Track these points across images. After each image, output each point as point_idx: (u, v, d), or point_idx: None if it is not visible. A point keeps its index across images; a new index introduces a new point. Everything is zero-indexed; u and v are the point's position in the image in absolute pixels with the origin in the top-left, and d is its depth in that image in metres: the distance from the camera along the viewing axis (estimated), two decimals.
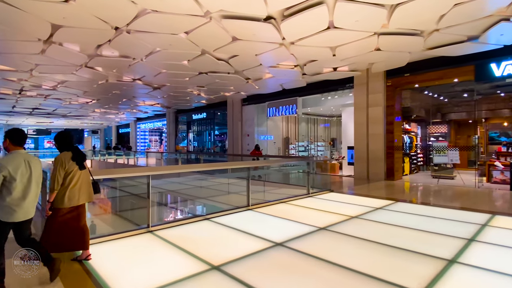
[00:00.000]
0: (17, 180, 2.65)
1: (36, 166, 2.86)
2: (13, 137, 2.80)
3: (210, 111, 17.99)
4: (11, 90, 13.19)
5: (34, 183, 2.80)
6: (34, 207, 2.86)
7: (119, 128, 32.14)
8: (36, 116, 22.76)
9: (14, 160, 2.69)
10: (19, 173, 2.67)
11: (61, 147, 3.41)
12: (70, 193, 3.25)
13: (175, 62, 8.80)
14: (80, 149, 3.48)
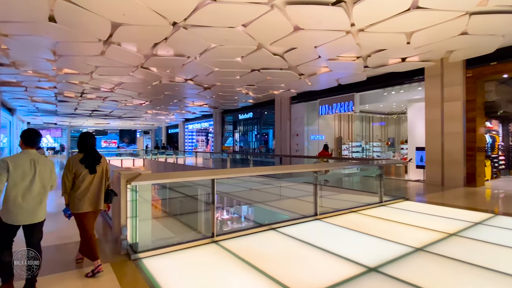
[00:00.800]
0: (18, 181, 2.56)
1: (44, 167, 2.72)
2: (24, 137, 2.75)
3: (256, 110, 17.61)
4: (73, 93, 14.07)
5: (38, 184, 2.66)
6: (40, 211, 2.70)
7: (169, 129, 33.41)
8: (94, 118, 24.45)
9: (18, 159, 2.63)
10: (19, 172, 2.57)
11: (78, 148, 3.28)
12: (75, 198, 3.10)
13: (228, 60, 8.44)
14: (94, 152, 3.27)
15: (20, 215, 2.56)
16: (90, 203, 3.14)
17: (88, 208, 3.12)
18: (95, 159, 3.22)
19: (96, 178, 3.20)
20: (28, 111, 20.30)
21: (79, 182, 3.11)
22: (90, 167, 3.16)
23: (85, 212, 3.12)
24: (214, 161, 19.56)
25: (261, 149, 17.54)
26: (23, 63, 8.83)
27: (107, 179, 3.31)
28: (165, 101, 16.31)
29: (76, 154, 3.27)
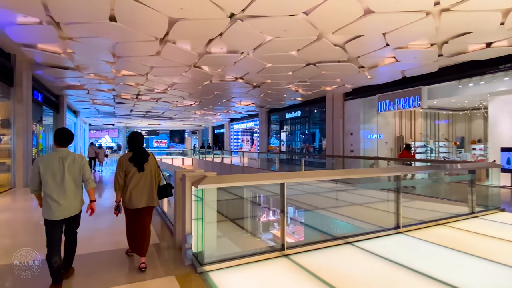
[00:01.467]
0: (48, 179, 2.70)
1: (72, 164, 2.81)
2: (55, 137, 2.88)
3: (305, 108, 16.85)
4: (130, 95, 14.72)
5: (69, 181, 2.78)
6: (75, 205, 2.83)
7: (215, 129, 34.06)
8: (148, 119, 25.71)
9: (47, 159, 2.77)
10: (50, 172, 2.71)
11: (128, 148, 3.45)
12: (128, 195, 3.24)
13: (283, 54, 7.92)
14: (142, 150, 3.38)
15: (56, 211, 2.70)
16: (141, 200, 3.25)
17: (138, 205, 3.24)
18: (142, 158, 3.33)
19: (145, 176, 3.30)
20: (89, 113, 21.97)
21: (129, 179, 3.26)
22: (139, 166, 3.28)
23: (136, 209, 3.26)
24: (260, 161, 19.26)
25: (310, 149, 16.74)
26: (86, 66, 9.27)
27: (157, 176, 3.43)
28: (213, 101, 16.37)
29: (126, 153, 3.41)
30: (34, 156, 12.46)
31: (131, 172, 3.26)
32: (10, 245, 4.03)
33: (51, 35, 6.51)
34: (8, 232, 4.79)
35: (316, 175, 4.20)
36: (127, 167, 3.28)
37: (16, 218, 5.67)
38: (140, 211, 3.28)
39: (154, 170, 3.41)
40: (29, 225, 5.17)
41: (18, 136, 8.39)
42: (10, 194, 7.75)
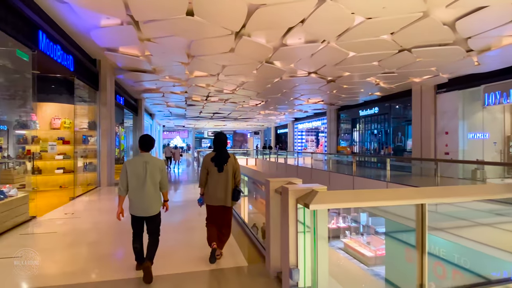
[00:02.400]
0: (132, 179, 3.00)
1: (153, 168, 3.06)
2: (140, 143, 3.16)
3: (384, 104, 14.98)
4: (200, 97, 14.95)
5: (149, 183, 3.04)
6: (153, 206, 3.07)
7: (277, 129, 33.53)
8: (215, 120, 26.38)
9: (133, 162, 3.08)
10: (134, 173, 3.01)
11: (213, 147, 3.58)
12: (207, 192, 3.45)
13: (373, 39, 6.74)
14: (223, 152, 3.49)
15: (137, 209, 3.02)
16: (217, 199, 3.42)
17: (215, 203, 3.42)
18: (222, 159, 3.44)
19: (223, 177, 3.41)
20: (164, 115, 23.39)
21: (210, 178, 3.45)
22: (218, 166, 3.41)
23: (213, 206, 3.45)
24: (328, 163, 17.91)
25: (390, 150, 14.81)
26: (162, 68, 9.41)
27: (234, 178, 3.52)
28: (279, 100, 15.70)
29: (210, 152, 3.58)
30: (117, 156, 13.40)
31: (212, 171, 3.43)
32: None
33: (131, 36, 6.52)
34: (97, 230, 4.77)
35: (485, 192, 2.86)
36: (209, 166, 3.45)
37: (103, 220, 5.73)
38: (218, 209, 3.46)
39: (232, 171, 3.49)
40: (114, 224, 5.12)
41: (103, 137, 8.85)
42: (97, 193, 8.17)
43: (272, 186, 2.82)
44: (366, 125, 17.07)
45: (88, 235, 4.52)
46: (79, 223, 5.11)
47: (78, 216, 5.54)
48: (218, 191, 3.41)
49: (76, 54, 7.11)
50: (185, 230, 4.84)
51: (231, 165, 3.50)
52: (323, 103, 17.03)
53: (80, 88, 8.15)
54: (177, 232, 4.61)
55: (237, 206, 5.44)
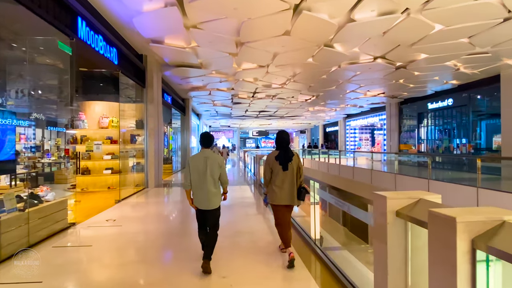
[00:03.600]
0: (194, 174, 3.19)
1: (213, 163, 3.21)
2: (201, 140, 3.38)
3: (461, 95, 12.63)
4: (246, 94, 14.16)
5: (209, 177, 3.18)
6: (213, 199, 3.19)
7: (326, 127, 31.63)
8: (260, 119, 25.61)
9: (195, 158, 3.26)
10: (196, 168, 3.19)
11: (276, 146, 3.59)
12: (272, 191, 3.44)
13: (471, 3, 5.16)
14: (287, 150, 3.49)
15: (200, 202, 3.20)
16: (282, 198, 3.41)
17: (280, 202, 3.42)
18: (287, 157, 3.43)
19: (288, 175, 3.40)
20: (210, 115, 23.23)
21: (274, 177, 3.45)
22: (283, 165, 3.40)
23: (278, 205, 3.46)
24: (393, 165, 15.87)
25: (470, 149, 12.42)
26: (209, 61, 8.72)
27: (299, 176, 3.49)
28: (333, 94, 14.22)
29: (273, 151, 3.55)
30: (166, 155, 13.15)
31: (276, 170, 3.42)
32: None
33: (175, 21, 5.84)
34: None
35: None
36: (273, 165, 3.43)
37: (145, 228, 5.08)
38: (283, 208, 3.45)
39: (296, 170, 3.46)
40: (158, 234, 4.41)
41: (150, 136, 8.42)
42: (143, 195, 7.73)
43: (391, 205, 1.68)
44: (437, 119, 14.72)
45: (127, 251, 3.82)
46: (119, 234, 4.48)
47: (120, 224, 4.95)
48: (284, 190, 3.39)
49: (120, 46, 6.67)
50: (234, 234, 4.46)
51: (295, 163, 3.48)
52: (383, 96, 15.10)
53: (126, 85, 7.79)
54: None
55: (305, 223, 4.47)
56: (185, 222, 5.47)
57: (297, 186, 3.45)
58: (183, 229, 4.97)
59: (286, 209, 3.49)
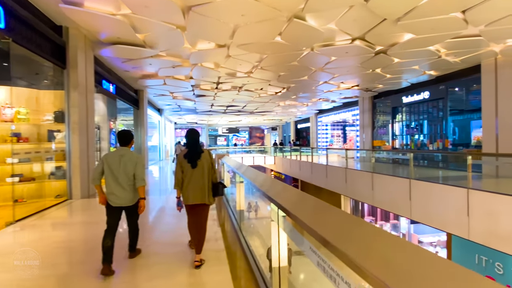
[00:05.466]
0: (108, 172, 3.19)
1: (128, 161, 3.23)
2: (117, 138, 3.38)
3: (438, 87, 11.89)
4: (209, 85, 12.50)
5: (123, 175, 3.19)
6: (128, 196, 3.22)
7: (297, 123, 30.69)
8: (228, 115, 23.94)
9: (110, 155, 3.29)
10: (111, 166, 3.19)
11: (186, 144, 3.55)
12: (184, 191, 3.39)
13: None
14: (194, 147, 3.47)
15: (112, 199, 3.19)
16: (194, 197, 3.35)
17: (192, 201, 3.35)
18: (195, 155, 3.41)
19: (198, 173, 3.37)
20: (172, 111, 21.17)
21: (184, 176, 3.39)
22: (191, 162, 3.38)
23: (190, 204, 3.39)
24: (367, 162, 15.01)
25: (447, 144, 11.72)
26: (153, 38, 6.96)
27: (211, 173, 3.49)
28: (305, 85, 12.97)
29: (183, 150, 3.51)
30: None
31: (186, 168, 3.37)
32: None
33: None
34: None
35: None
36: (183, 163, 3.40)
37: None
38: (195, 208, 3.39)
39: (208, 167, 3.44)
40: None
41: (74, 132, 6.50)
42: (60, 211, 5.83)
43: None
44: (413, 114, 14.01)
45: None
46: None
47: None
48: (194, 188, 3.36)
49: (11, 5, 4.74)
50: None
51: (205, 160, 3.46)
52: (357, 89, 14.12)
53: (38, 64, 5.83)
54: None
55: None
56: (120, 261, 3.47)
57: (209, 184, 3.44)
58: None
59: (200, 208, 3.42)
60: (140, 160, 3.32)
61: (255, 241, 3.69)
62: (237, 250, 3.88)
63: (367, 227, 1.20)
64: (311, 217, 1.46)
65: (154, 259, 3.42)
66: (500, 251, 5.67)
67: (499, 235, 5.69)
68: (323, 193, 18.85)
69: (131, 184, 3.22)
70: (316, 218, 1.43)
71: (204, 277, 2.98)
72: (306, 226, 1.35)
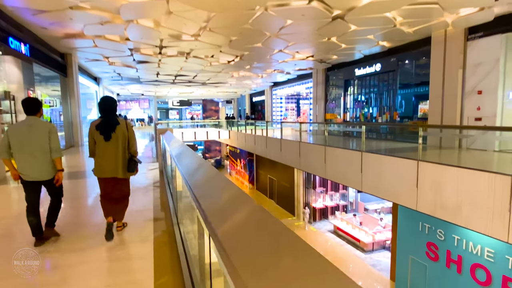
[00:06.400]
0: (16, 145, 2.93)
1: (40, 133, 2.99)
2: (23, 106, 3.05)
3: (389, 60, 11.94)
4: (151, 49, 10.97)
5: (35, 146, 2.96)
6: (43, 170, 3.00)
7: (252, 97, 29.94)
8: (178, 85, 22.21)
9: (16, 127, 3.08)
10: (17, 138, 2.95)
11: (100, 113, 3.27)
12: (95, 163, 3.21)
13: None
14: (109, 118, 3.21)
15: (27, 173, 2.96)
16: (105, 170, 3.16)
17: (103, 174, 3.19)
18: (109, 126, 3.15)
19: (112, 146, 3.13)
20: (112, 79, 18.84)
21: (97, 148, 3.18)
22: (105, 134, 3.12)
23: (103, 178, 3.21)
24: (320, 135, 15.03)
25: (396, 116, 12.04)
26: None
27: (129, 147, 3.29)
28: (258, 54, 12.13)
29: (96, 119, 3.23)
30: None
31: (98, 140, 3.15)
32: None
33: None
34: None
35: None
36: (94, 134, 3.16)
37: None
38: (110, 182, 3.23)
39: (123, 140, 3.22)
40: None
41: None
42: None
43: None
44: (364, 87, 14.09)
45: None
46: None
47: None
48: (106, 161, 3.16)
49: None
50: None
51: (121, 133, 3.21)
52: (312, 59, 13.67)
53: None
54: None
55: None
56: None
57: (124, 158, 3.25)
58: None
59: (113, 182, 3.26)
60: (53, 129, 3.10)
61: (187, 226, 3.05)
62: (169, 232, 3.44)
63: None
64: (233, 237, 0.79)
65: (77, 234, 3.32)
66: (445, 221, 5.80)
67: (444, 205, 5.79)
68: (277, 167, 18.86)
69: (46, 156, 3.01)
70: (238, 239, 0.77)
71: (127, 251, 2.96)
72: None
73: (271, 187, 21.10)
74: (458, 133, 8.92)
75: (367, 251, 13.10)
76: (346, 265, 12.20)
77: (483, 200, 5.07)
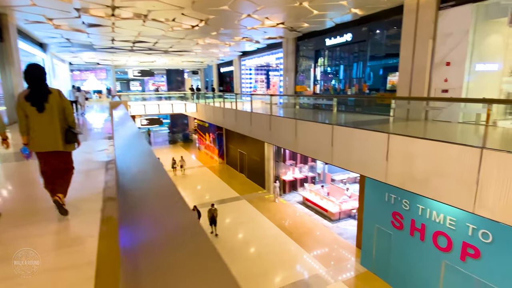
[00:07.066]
0: None
1: None
2: None
3: (360, 29, 11.58)
4: (102, 10, 9.58)
5: None
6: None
7: (220, 67, 28.60)
8: (137, 53, 20.38)
9: None
10: None
11: (27, 83, 2.93)
12: (31, 137, 2.97)
13: None
14: (39, 87, 2.94)
15: None
16: (43, 144, 2.97)
17: (41, 148, 2.98)
18: (40, 96, 2.91)
19: (46, 117, 2.93)
20: (61, 46, 16.70)
21: (29, 120, 2.94)
22: (37, 105, 2.90)
23: (40, 152, 3.01)
24: (290, 108, 14.73)
25: (365, 88, 11.95)
26: None
27: (65, 117, 3.08)
28: (225, 19, 11.17)
29: (24, 89, 2.95)
30: None
31: (30, 112, 2.90)
32: None
33: None
34: None
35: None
36: (24, 106, 2.89)
37: None
38: (49, 156, 3.02)
39: (58, 110, 2.99)
40: None
41: None
42: None
43: None
44: (335, 59, 13.76)
45: None
46: None
47: None
48: (44, 134, 2.93)
49: None
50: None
51: (55, 102, 2.96)
52: (282, 27, 12.94)
53: None
54: None
55: None
56: None
57: (62, 129, 3.03)
58: None
59: (53, 156, 3.02)
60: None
61: None
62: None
63: None
64: None
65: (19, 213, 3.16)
66: (413, 192, 5.84)
67: (413, 177, 5.80)
68: (247, 141, 18.50)
69: None
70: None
71: (71, 226, 2.91)
72: None
73: (241, 161, 20.86)
74: (425, 105, 9.01)
75: (334, 220, 13.55)
76: (314, 234, 12.53)
77: (452, 173, 5.08)
